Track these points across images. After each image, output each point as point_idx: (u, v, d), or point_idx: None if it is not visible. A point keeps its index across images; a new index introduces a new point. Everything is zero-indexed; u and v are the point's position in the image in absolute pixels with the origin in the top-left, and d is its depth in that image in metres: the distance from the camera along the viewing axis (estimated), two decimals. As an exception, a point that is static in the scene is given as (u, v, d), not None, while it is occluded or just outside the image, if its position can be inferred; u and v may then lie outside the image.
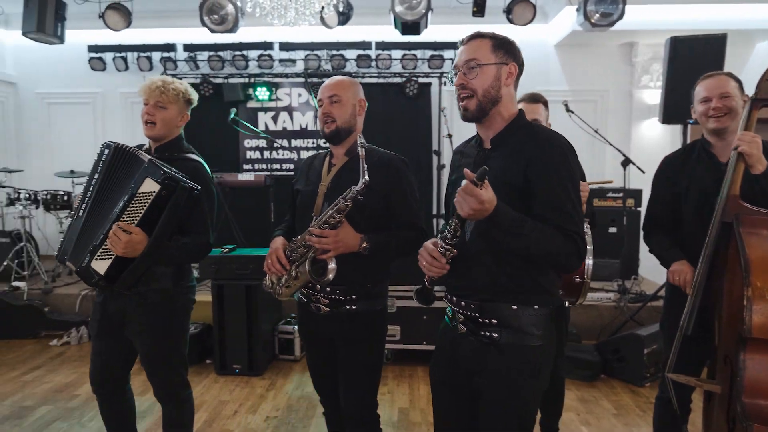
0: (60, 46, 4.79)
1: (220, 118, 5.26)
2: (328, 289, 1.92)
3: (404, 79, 5.89)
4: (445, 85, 5.97)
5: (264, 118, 6.14)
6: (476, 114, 1.52)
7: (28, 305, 4.45)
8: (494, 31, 1.55)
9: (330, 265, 1.84)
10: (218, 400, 3.36)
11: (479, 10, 4.59)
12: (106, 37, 5.40)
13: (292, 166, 6.13)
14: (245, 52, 5.93)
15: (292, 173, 5.69)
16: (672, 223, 2.20)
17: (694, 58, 3.57)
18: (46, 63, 6.21)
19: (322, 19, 4.49)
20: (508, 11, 4.59)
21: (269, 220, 5.22)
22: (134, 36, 5.62)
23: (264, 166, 6.16)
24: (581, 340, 4.03)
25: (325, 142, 2.07)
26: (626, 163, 4.35)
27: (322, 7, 3.73)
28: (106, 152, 1.97)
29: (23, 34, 4.46)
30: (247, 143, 6.14)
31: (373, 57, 5.86)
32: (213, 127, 5.94)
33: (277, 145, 6.03)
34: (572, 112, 4.18)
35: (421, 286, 1.58)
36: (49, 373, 3.77)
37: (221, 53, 5.91)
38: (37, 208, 5.04)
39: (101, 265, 1.90)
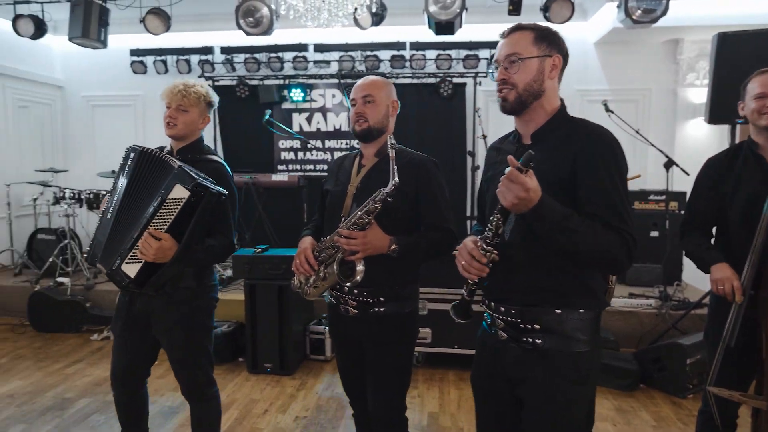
0: (104, 50, 4.95)
1: (256, 119, 5.35)
2: (355, 291, 1.91)
3: (438, 79, 5.84)
4: (480, 85, 5.89)
5: (298, 119, 6.20)
6: (515, 106, 1.45)
7: (70, 300, 4.62)
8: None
9: (358, 267, 1.82)
10: (249, 399, 3.39)
11: (515, 8, 4.49)
12: (147, 41, 5.57)
13: (325, 167, 6.17)
14: (280, 54, 6.01)
15: (326, 174, 5.72)
16: (711, 226, 2.10)
17: (743, 55, 3.38)
18: (91, 67, 6.46)
19: (355, 20, 4.49)
20: (545, 9, 4.48)
21: (302, 221, 5.26)
22: (174, 40, 5.77)
23: (298, 167, 6.22)
24: (619, 348, 3.89)
25: (357, 143, 2.06)
26: (669, 164, 4.18)
27: (355, 9, 3.73)
28: (132, 156, 2.00)
29: (69, 39, 4.63)
30: (282, 144, 6.21)
31: (407, 57, 5.84)
32: (248, 128, 6.06)
33: (311, 146, 6.08)
34: (612, 111, 4.05)
35: (459, 299, 1.50)
36: (89, 367, 3.89)
37: (257, 55, 6.00)
38: (80, 206, 5.21)
39: (131, 269, 1.93)
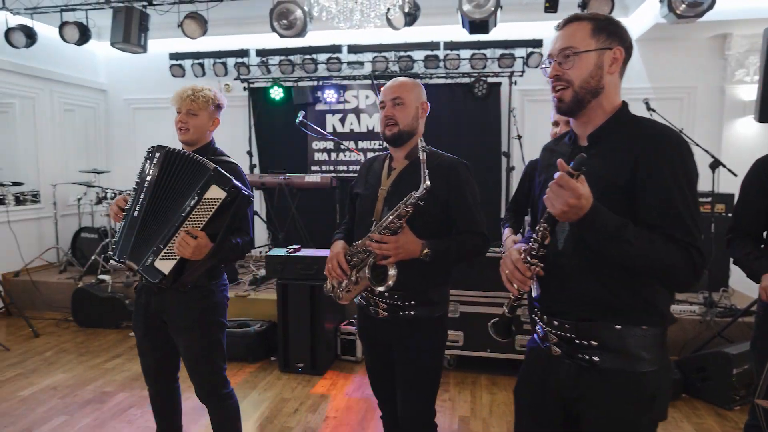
0: (145, 55, 5.09)
1: (290, 120, 5.40)
2: (386, 294, 1.89)
3: (473, 79, 5.76)
4: (516, 84, 5.79)
5: (332, 120, 6.23)
6: (572, 106, 1.34)
7: (111, 297, 4.77)
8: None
9: (390, 272, 1.81)
10: (280, 398, 3.42)
11: (552, 5, 4.37)
12: (185, 45, 5.72)
13: (358, 168, 6.17)
14: (314, 56, 6.05)
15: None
16: (761, 231, 1.98)
17: (797, 49, 3.20)
18: (132, 71, 6.67)
19: (388, 21, 4.47)
20: (583, 5, 4.35)
21: (335, 221, 5.27)
22: (211, 43, 5.90)
23: (331, 168, 6.25)
24: (660, 356, 3.74)
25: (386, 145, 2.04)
26: (715, 165, 4.00)
27: (388, 9, 3.71)
28: (157, 155, 2.04)
29: (111, 44, 4.78)
30: (315, 145, 6.25)
31: (441, 57, 5.78)
32: (282, 130, 6.15)
33: (344, 147, 6.10)
34: (653, 110, 3.90)
35: (499, 316, 1.42)
36: (127, 362, 4.00)
37: (291, 57, 6.06)
38: (122, 206, 5.38)
39: (165, 266, 1.97)
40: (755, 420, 1.94)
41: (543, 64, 1.40)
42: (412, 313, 1.90)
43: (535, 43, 5.59)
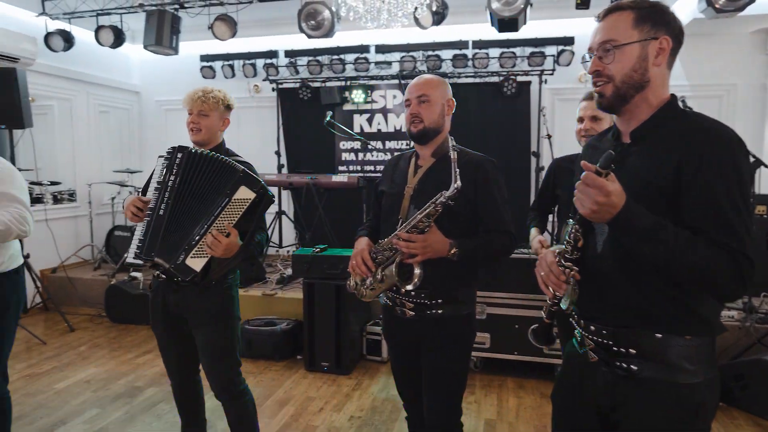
0: (176, 57, 5.19)
1: (318, 120, 5.43)
2: (413, 293, 1.87)
3: (502, 78, 5.68)
4: (546, 83, 5.69)
5: (359, 120, 6.24)
6: (614, 102, 1.26)
7: (143, 294, 4.86)
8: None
9: (416, 270, 1.80)
10: (305, 396, 3.43)
11: (583, 2, 4.28)
12: (215, 47, 5.81)
13: (384, 168, 6.17)
14: (342, 56, 6.07)
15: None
16: None
17: None
18: (164, 73, 6.81)
19: (416, 20, 4.44)
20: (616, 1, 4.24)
21: (361, 221, 5.27)
22: (240, 45, 5.99)
23: (358, 168, 6.26)
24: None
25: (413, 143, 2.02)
26: (757, 165, 3.84)
27: (416, 8, 3.68)
28: (179, 156, 2.08)
29: (144, 47, 4.90)
30: (343, 145, 6.27)
31: (470, 56, 5.72)
32: (310, 130, 6.18)
33: (371, 147, 6.09)
34: (690, 108, 3.76)
35: (539, 323, 1.38)
36: (157, 358, 4.07)
37: (319, 58, 6.10)
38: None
39: (196, 263, 2.02)
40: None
41: (583, 58, 1.33)
42: (440, 311, 1.88)
43: (566, 41, 5.47)
